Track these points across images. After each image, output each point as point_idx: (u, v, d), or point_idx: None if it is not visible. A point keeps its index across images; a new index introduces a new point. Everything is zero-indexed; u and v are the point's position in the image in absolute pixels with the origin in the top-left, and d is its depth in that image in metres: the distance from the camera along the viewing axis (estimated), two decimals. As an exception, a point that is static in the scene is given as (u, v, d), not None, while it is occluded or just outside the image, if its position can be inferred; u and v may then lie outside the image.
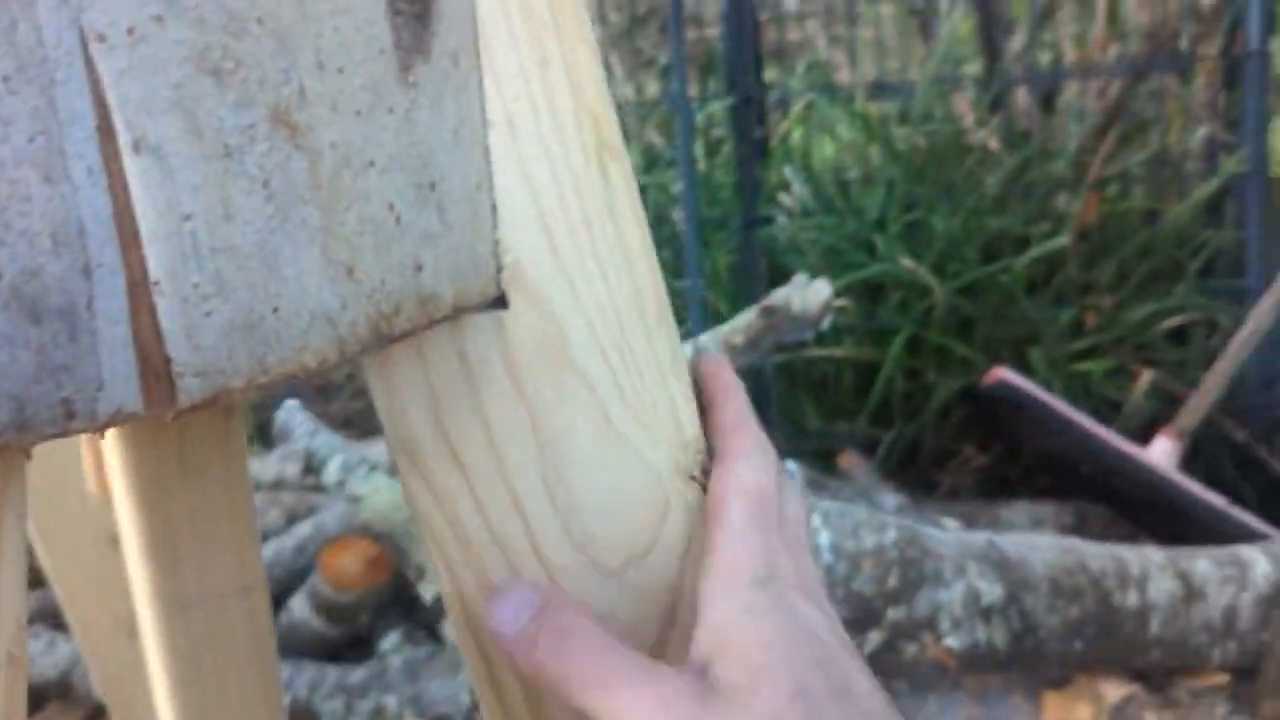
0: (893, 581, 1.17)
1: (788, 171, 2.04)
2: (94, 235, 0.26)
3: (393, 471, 1.45)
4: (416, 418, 0.37)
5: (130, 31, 0.25)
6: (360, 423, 1.90)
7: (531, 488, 0.37)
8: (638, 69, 2.95)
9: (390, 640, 1.27)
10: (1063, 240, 1.86)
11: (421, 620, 1.30)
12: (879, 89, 2.29)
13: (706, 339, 1.36)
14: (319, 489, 1.42)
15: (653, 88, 2.92)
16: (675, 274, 1.85)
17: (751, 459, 0.38)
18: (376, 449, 1.57)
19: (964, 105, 2.30)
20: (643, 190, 0.41)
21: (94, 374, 0.27)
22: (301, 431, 1.35)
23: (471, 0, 0.33)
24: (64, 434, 0.27)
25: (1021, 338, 1.86)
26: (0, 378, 0.26)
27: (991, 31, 2.53)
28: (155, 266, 0.26)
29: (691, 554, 0.38)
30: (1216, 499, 1.59)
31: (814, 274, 1.46)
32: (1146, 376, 1.81)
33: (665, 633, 0.38)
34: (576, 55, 0.35)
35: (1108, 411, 1.82)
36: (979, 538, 1.28)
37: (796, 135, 2.27)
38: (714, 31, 2.74)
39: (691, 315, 1.76)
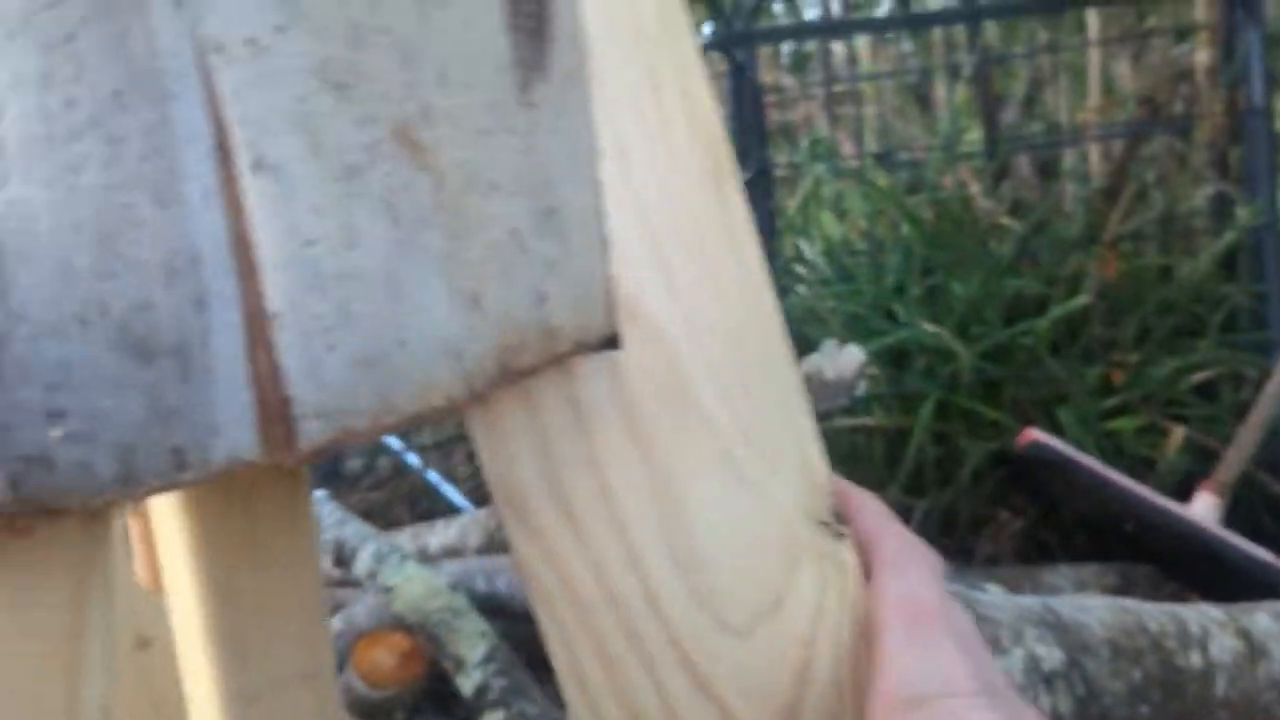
0: (951, 652, 1.13)
1: (802, 244, 2.03)
2: (209, 264, 0.24)
3: (423, 560, 1.41)
4: (525, 469, 0.34)
5: (250, 42, 0.23)
6: (382, 514, 1.86)
7: (649, 541, 0.34)
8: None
9: (427, 738, 1.21)
10: (1083, 299, 1.84)
11: (458, 716, 1.25)
12: (884, 161, 2.30)
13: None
14: (345, 584, 1.38)
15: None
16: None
17: (899, 567, 0.35)
18: (403, 538, 1.53)
19: (968, 175, 2.31)
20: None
21: (208, 418, 0.24)
22: (330, 521, 1.31)
23: (582, 22, 0.31)
24: (173, 486, 0.24)
25: (1049, 398, 1.83)
26: (107, 426, 0.24)
27: (989, 104, 2.56)
28: (275, 297, 0.24)
29: (833, 623, 0.35)
30: (1265, 554, 1.55)
31: (840, 343, 1.44)
32: (1178, 433, 1.77)
33: (799, 694, 0.35)
34: (690, 77, 0.33)
35: (1141, 469, 1.78)
36: (1033, 601, 1.24)
37: (804, 209, 2.28)
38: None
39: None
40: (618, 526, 0.34)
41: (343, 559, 1.26)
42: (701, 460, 0.34)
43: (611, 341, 0.33)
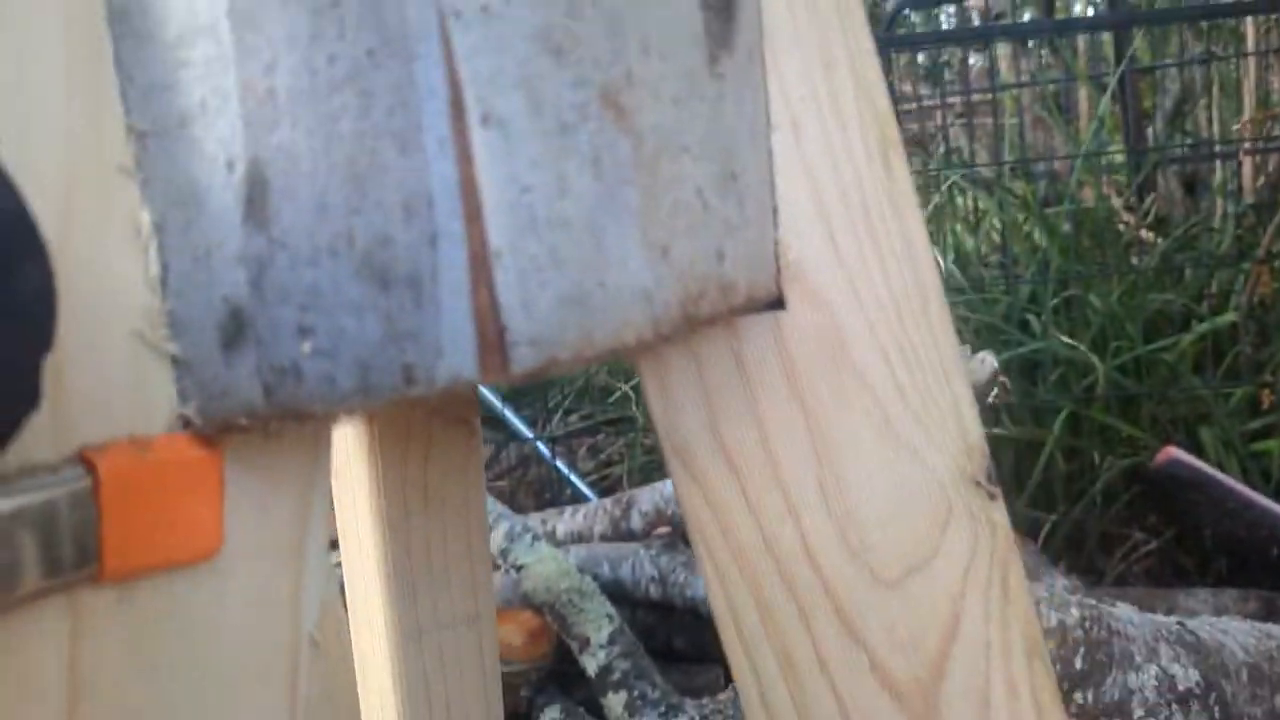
0: (1079, 663, 1.11)
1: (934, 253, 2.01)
2: (441, 206, 0.27)
3: (554, 541, 1.45)
4: (691, 420, 0.36)
5: (484, 9, 0.27)
6: (506, 501, 1.91)
7: (806, 493, 0.36)
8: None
9: (549, 716, 1.25)
10: (1230, 316, 1.78)
11: (580, 695, 1.28)
12: (1020, 172, 2.26)
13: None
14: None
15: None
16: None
17: None
18: (532, 522, 1.58)
19: (1109, 188, 2.25)
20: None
21: (435, 342, 0.27)
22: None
23: (762, 3, 0.34)
24: (402, 400, 0.28)
25: (1190, 417, 1.77)
26: (348, 343, 0.27)
27: (1134, 115, 2.49)
28: (496, 237, 0.27)
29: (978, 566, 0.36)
30: None
31: (971, 351, 1.42)
32: (1331, 458, 1.70)
33: (946, 646, 0.36)
34: (861, 55, 0.35)
35: (1289, 495, 1.71)
36: (1168, 620, 1.21)
37: (936, 218, 2.25)
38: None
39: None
40: (776, 477, 0.36)
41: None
42: (858, 418, 0.36)
43: (777, 302, 0.35)
